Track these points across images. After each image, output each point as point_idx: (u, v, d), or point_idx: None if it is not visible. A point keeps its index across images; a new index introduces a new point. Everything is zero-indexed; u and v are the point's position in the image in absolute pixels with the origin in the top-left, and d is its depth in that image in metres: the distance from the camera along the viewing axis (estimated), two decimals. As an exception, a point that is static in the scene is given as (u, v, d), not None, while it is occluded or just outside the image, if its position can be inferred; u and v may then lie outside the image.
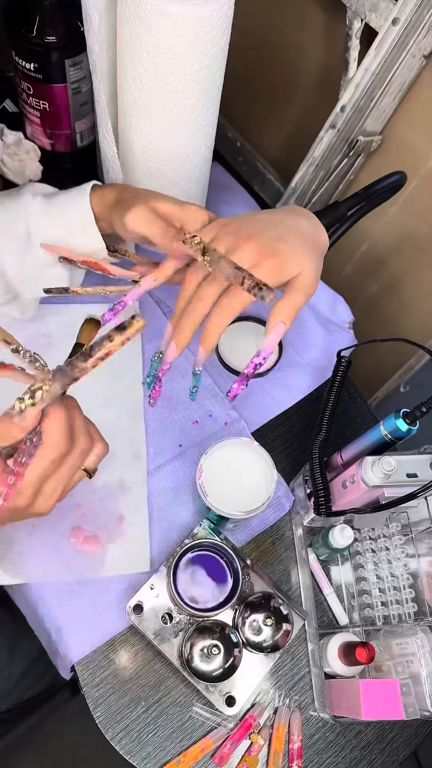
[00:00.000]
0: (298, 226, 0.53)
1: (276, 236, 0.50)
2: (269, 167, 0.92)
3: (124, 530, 0.63)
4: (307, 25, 0.76)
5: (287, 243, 0.50)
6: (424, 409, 0.53)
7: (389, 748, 0.60)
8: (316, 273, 0.51)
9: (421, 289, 0.84)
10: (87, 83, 0.70)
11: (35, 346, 0.70)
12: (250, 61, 0.87)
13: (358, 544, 0.63)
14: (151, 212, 0.52)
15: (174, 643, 0.57)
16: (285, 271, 0.49)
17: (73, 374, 0.38)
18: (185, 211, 0.53)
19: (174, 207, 0.53)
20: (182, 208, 0.53)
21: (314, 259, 0.51)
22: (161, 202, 0.53)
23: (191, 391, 0.55)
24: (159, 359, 0.53)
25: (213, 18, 0.53)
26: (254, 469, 0.58)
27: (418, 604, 0.59)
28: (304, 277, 0.50)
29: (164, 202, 0.53)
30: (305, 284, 0.50)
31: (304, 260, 0.50)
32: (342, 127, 0.70)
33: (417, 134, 0.72)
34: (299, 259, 0.50)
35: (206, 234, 0.52)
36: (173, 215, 0.53)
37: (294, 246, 0.50)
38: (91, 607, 0.60)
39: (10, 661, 0.77)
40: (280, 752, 0.57)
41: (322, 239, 0.54)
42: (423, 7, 0.58)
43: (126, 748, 0.56)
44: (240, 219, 0.53)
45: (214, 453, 0.58)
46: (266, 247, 0.49)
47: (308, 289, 0.50)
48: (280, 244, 0.49)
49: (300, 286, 0.50)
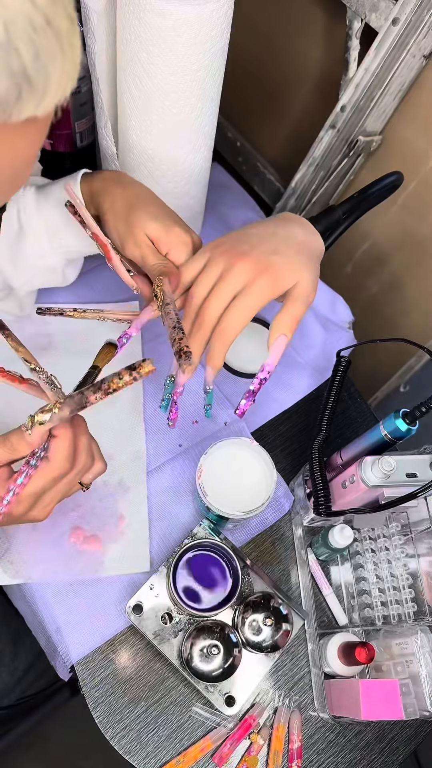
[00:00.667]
0: (293, 235, 0.53)
1: (270, 249, 0.50)
2: (269, 167, 0.92)
3: (123, 530, 0.63)
4: (307, 25, 0.76)
5: (282, 255, 0.50)
6: (423, 409, 0.53)
7: (389, 748, 0.60)
8: (313, 281, 0.51)
9: (422, 288, 0.84)
10: (87, 83, 0.70)
11: (35, 346, 0.70)
12: (250, 61, 0.87)
13: (358, 544, 0.63)
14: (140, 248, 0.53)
15: (174, 643, 0.57)
16: (282, 284, 0.50)
17: (81, 402, 0.41)
18: (171, 235, 0.53)
19: (161, 231, 0.53)
20: (168, 232, 0.53)
21: (310, 268, 0.51)
22: (150, 225, 0.53)
23: (205, 408, 0.55)
24: (171, 383, 0.55)
25: (212, 18, 0.53)
26: (254, 469, 0.58)
27: (418, 604, 0.59)
28: (301, 287, 0.50)
29: (153, 225, 0.53)
30: (303, 294, 0.50)
31: (300, 270, 0.50)
32: (342, 127, 0.70)
33: (417, 134, 0.72)
34: (295, 269, 0.50)
35: (200, 258, 0.52)
36: (160, 240, 0.53)
37: (289, 257, 0.50)
38: (90, 607, 0.60)
39: (14, 656, 0.77)
40: (280, 752, 0.57)
41: (317, 245, 0.55)
42: (423, 7, 0.58)
43: (126, 748, 0.56)
44: (232, 236, 0.53)
45: (213, 453, 0.58)
46: (261, 262, 0.49)
47: (306, 299, 0.51)
48: (274, 257, 0.50)
49: (298, 296, 0.50)
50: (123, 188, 0.55)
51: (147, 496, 0.65)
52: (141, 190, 0.56)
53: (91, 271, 0.76)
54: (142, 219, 0.52)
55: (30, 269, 0.61)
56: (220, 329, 0.50)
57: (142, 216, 0.53)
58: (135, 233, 0.53)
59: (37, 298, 0.72)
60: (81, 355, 0.71)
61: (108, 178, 0.56)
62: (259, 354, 0.75)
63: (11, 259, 0.60)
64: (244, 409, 0.51)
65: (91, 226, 0.55)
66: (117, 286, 0.76)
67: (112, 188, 0.55)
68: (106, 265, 0.58)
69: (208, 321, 0.50)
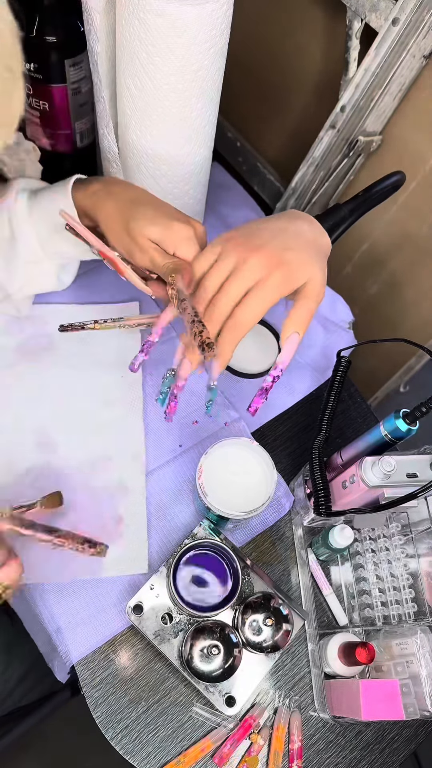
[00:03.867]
0: (302, 232, 0.53)
1: (283, 246, 0.50)
2: (269, 167, 0.92)
3: (122, 532, 0.63)
4: (306, 26, 0.76)
5: (294, 252, 0.50)
6: (424, 409, 0.53)
7: (389, 748, 0.60)
8: (323, 279, 0.51)
9: (421, 288, 0.84)
10: (87, 83, 0.70)
11: (35, 346, 0.70)
12: (250, 61, 0.87)
13: (358, 545, 0.63)
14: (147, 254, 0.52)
15: (174, 644, 0.57)
16: (294, 281, 0.49)
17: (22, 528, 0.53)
18: (173, 234, 0.52)
19: (162, 232, 0.52)
20: (169, 230, 0.52)
21: (320, 266, 0.51)
22: (149, 230, 0.52)
23: (207, 404, 0.55)
24: (171, 377, 0.54)
25: (212, 18, 0.53)
26: (254, 469, 0.58)
27: (418, 604, 0.59)
28: (312, 284, 0.50)
29: (152, 229, 0.52)
30: (314, 291, 0.50)
31: (311, 268, 0.50)
32: (342, 127, 0.70)
33: (417, 134, 0.72)
34: (307, 267, 0.50)
35: (211, 251, 0.52)
36: (164, 242, 0.52)
37: (301, 254, 0.50)
38: (91, 607, 0.60)
39: (7, 665, 0.76)
40: (280, 752, 0.57)
41: (324, 243, 0.55)
42: (423, 7, 0.58)
43: (126, 748, 0.56)
44: (244, 229, 0.52)
45: (213, 453, 0.58)
46: (274, 257, 0.49)
47: (318, 296, 0.51)
48: (287, 253, 0.49)
49: (309, 293, 0.50)
50: (114, 200, 0.54)
51: (146, 497, 0.65)
52: (132, 194, 0.55)
53: (90, 271, 0.76)
54: (140, 226, 0.52)
55: (24, 275, 0.61)
56: (232, 323, 0.49)
57: (139, 223, 0.52)
58: (138, 242, 0.52)
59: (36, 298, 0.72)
60: (81, 355, 0.71)
61: (98, 192, 0.55)
62: (261, 355, 0.75)
63: (5, 266, 0.60)
64: (257, 406, 0.51)
65: (96, 245, 0.55)
66: (116, 287, 0.76)
67: (103, 203, 0.54)
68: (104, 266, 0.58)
69: (219, 314, 0.50)
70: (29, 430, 0.66)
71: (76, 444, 0.66)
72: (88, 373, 0.70)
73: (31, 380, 0.68)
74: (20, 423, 0.66)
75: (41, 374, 0.69)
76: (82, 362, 0.71)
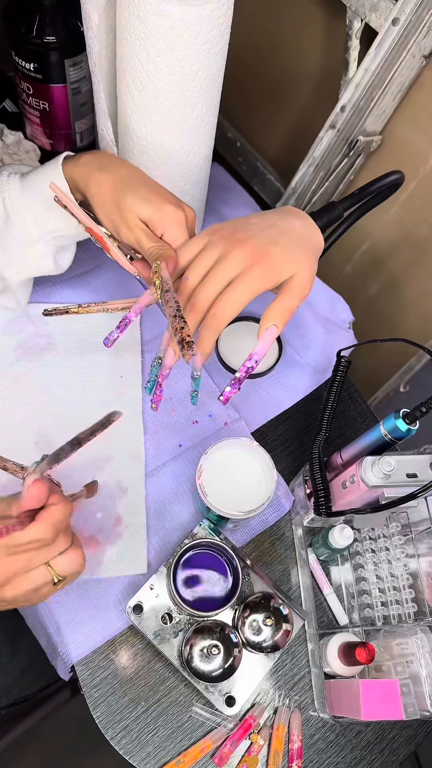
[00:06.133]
0: (292, 227, 0.53)
1: (269, 239, 0.50)
2: (269, 167, 0.92)
3: (121, 532, 0.63)
4: (307, 26, 0.76)
5: (280, 246, 0.50)
6: (424, 409, 0.53)
7: (389, 748, 0.60)
8: (309, 275, 0.51)
9: (421, 289, 0.84)
10: (87, 83, 0.70)
11: (35, 346, 0.70)
12: (250, 61, 0.87)
13: (358, 544, 0.63)
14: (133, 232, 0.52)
15: (174, 643, 0.57)
16: (277, 275, 0.49)
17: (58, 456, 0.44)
18: (163, 215, 0.52)
19: (153, 212, 0.52)
20: (160, 211, 0.52)
21: (308, 262, 0.51)
22: (140, 207, 0.52)
23: (192, 395, 0.55)
24: (158, 364, 0.54)
25: (212, 18, 0.53)
26: (254, 469, 0.58)
27: (418, 604, 0.59)
28: (297, 279, 0.50)
29: (143, 207, 0.52)
30: (298, 287, 0.50)
31: (297, 263, 0.50)
32: (342, 127, 0.70)
33: (417, 134, 0.72)
34: (292, 261, 0.50)
35: (198, 241, 0.52)
36: (153, 222, 0.52)
37: (287, 248, 0.50)
38: (91, 607, 0.60)
39: (12, 656, 0.77)
40: (280, 752, 0.57)
41: (316, 240, 0.54)
42: (423, 7, 0.58)
43: (126, 748, 0.56)
44: (233, 223, 0.53)
45: (213, 453, 0.58)
46: (258, 250, 0.49)
47: (301, 292, 0.50)
48: (272, 247, 0.49)
49: (292, 289, 0.50)
50: (108, 173, 0.54)
51: (145, 498, 0.65)
52: (126, 170, 0.54)
53: (90, 271, 0.76)
54: (131, 202, 0.52)
55: (21, 258, 0.61)
56: (212, 315, 0.49)
57: (131, 199, 0.52)
58: (127, 218, 0.52)
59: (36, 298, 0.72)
60: (80, 355, 0.71)
61: (90, 163, 0.55)
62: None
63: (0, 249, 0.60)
64: (228, 395, 0.50)
65: (84, 220, 0.54)
66: (115, 287, 0.76)
67: (96, 175, 0.54)
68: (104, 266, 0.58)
69: (201, 305, 0.50)
70: (29, 430, 0.66)
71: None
72: (87, 373, 0.70)
73: (30, 380, 0.68)
74: (19, 423, 0.66)
75: (41, 374, 0.69)
76: (82, 362, 0.71)
